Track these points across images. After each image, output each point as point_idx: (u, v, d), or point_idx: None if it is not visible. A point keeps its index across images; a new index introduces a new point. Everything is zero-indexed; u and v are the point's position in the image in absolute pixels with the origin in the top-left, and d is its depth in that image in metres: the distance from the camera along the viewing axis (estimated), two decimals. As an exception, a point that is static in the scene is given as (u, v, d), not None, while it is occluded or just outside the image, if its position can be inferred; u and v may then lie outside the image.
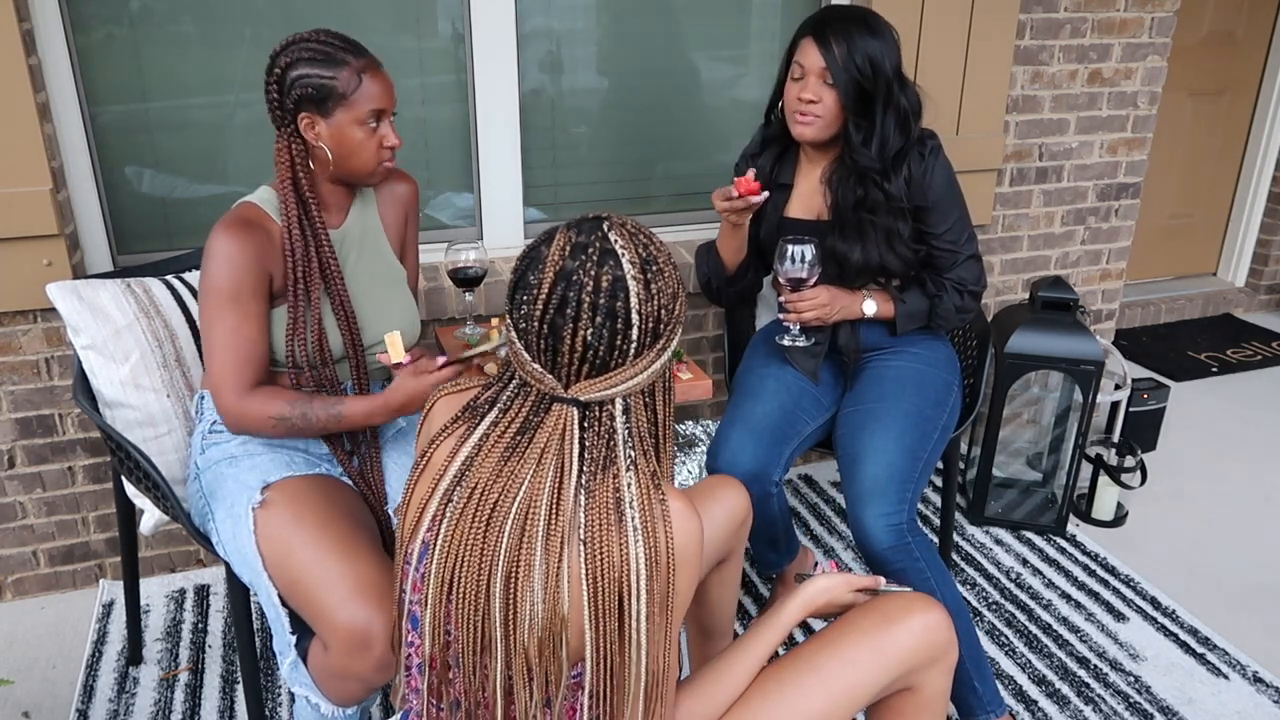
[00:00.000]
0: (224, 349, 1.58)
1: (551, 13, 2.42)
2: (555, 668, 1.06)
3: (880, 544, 1.78)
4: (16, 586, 2.34)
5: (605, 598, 1.03)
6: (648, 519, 1.04)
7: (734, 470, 1.88)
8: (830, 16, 1.86)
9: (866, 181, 1.89)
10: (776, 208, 2.04)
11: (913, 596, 1.32)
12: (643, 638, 1.04)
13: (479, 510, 1.06)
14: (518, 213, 2.51)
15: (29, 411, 2.19)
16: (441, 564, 1.09)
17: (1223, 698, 2.07)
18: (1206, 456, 3.04)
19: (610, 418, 1.06)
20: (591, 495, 1.04)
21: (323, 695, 1.55)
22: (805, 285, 1.87)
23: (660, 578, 1.04)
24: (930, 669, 1.30)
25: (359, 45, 1.62)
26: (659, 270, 1.05)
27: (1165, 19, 2.83)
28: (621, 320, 1.02)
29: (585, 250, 1.02)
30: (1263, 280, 4.13)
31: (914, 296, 2.00)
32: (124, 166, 2.20)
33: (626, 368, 1.05)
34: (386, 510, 1.75)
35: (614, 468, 1.06)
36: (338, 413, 1.61)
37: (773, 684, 1.22)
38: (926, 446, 1.89)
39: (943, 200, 1.93)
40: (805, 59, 1.86)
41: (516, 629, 1.05)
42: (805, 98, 1.86)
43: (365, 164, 1.64)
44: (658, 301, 1.05)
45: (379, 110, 1.61)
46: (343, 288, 1.68)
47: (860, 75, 1.82)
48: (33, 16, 1.99)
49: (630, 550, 1.02)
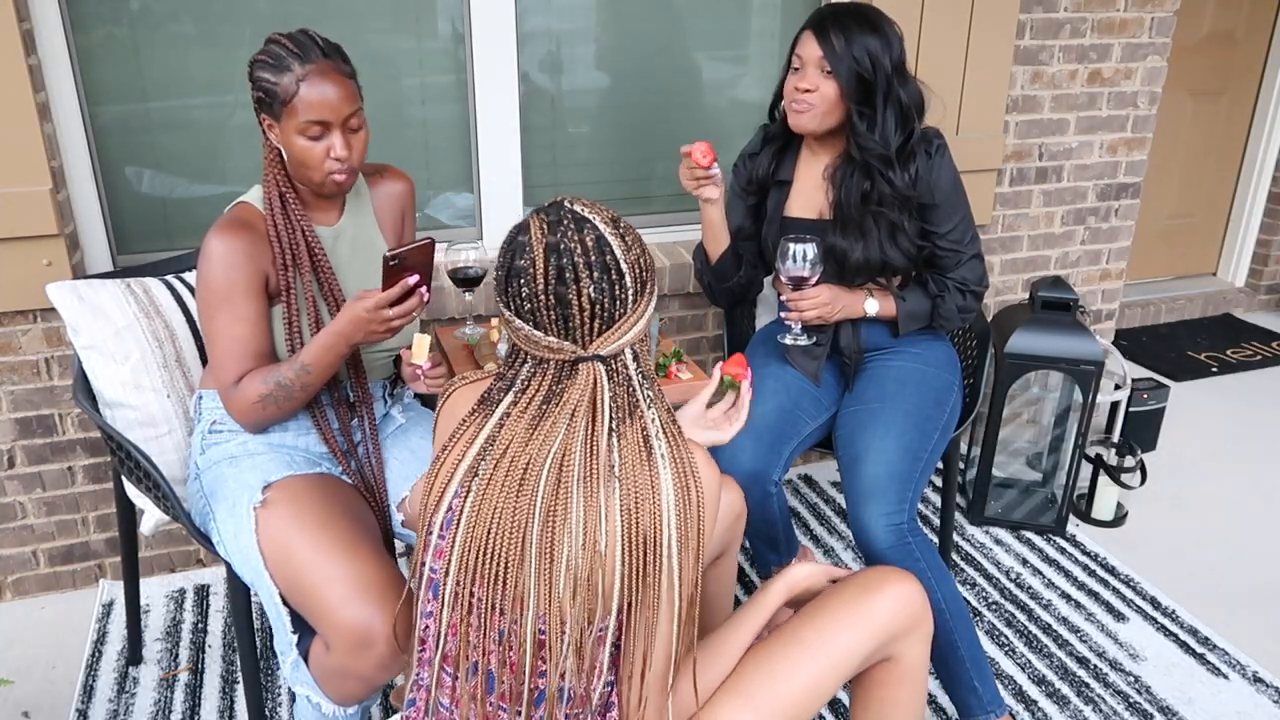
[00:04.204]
0: (216, 348, 1.60)
1: (551, 12, 2.42)
2: (589, 612, 1.11)
3: (880, 544, 1.78)
4: (16, 586, 2.34)
5: (639, 531, 1.10)
6: (675, 449, 1.14)
7: (734, 470, 1.88)
8: (831, 11, 1.88)
9: (873, 174, 1.89)
10: (778, 206, 2.04)
11: (888, 570, 1.39)
12: (674, 563, 1.12)
13: (510, 472, 1.11)
14: (518, 213, 2.51)
15: (29, 411, 2.19)
16: (471, 526, 1.12)
17: (1223, 698, 2.07)
18: (1206, 456, 3.04)
19: (625, 365, 1.14)
20: (623, 437, 1.12)
21: (324, 695, 1.55)
22: (807, 284, 1.88)
23: (691, 504, 1.13)
24: (907, 638, 1.36)
25: (316, 49, 1.55)
26: (626, 226, 1.14)
27: (1165, 19, 2.83)
28: (615, 271, 1.10)
29: (560, 224, 1.10)
30: (1263, 280, 4.13)
31: (915, 296, 2.00)
32: (124, 166, 2.20)
33: (630, 315, 1.12)
34: (387, 509, 1.75)
35: (638, 410, 1.14)
36: (303, 365, 1.58)
37: (763, 658, 1.29)
38: (927, 446, 1.89)
39: (948, 199, 1.94)
40: (804, 50, 1.87)
41: (553, 578, 1.10)
42: (802, 86, 1.87)
43: (312, 173, 1.59)
44: (636, 250, 1.13)
45: (320, 121, 1.54)
46: (334, 282, 1.68)
47: (859, 66, 1.83)
48: (32, 16, 1.99)
49: (661, 479, 1.11)
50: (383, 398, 1.86)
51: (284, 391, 1.60)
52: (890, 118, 1.87)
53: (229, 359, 1.59)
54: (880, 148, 1.87)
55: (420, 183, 2.39)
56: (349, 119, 1.58)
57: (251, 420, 1.63)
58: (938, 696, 2.05)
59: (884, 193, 1.90)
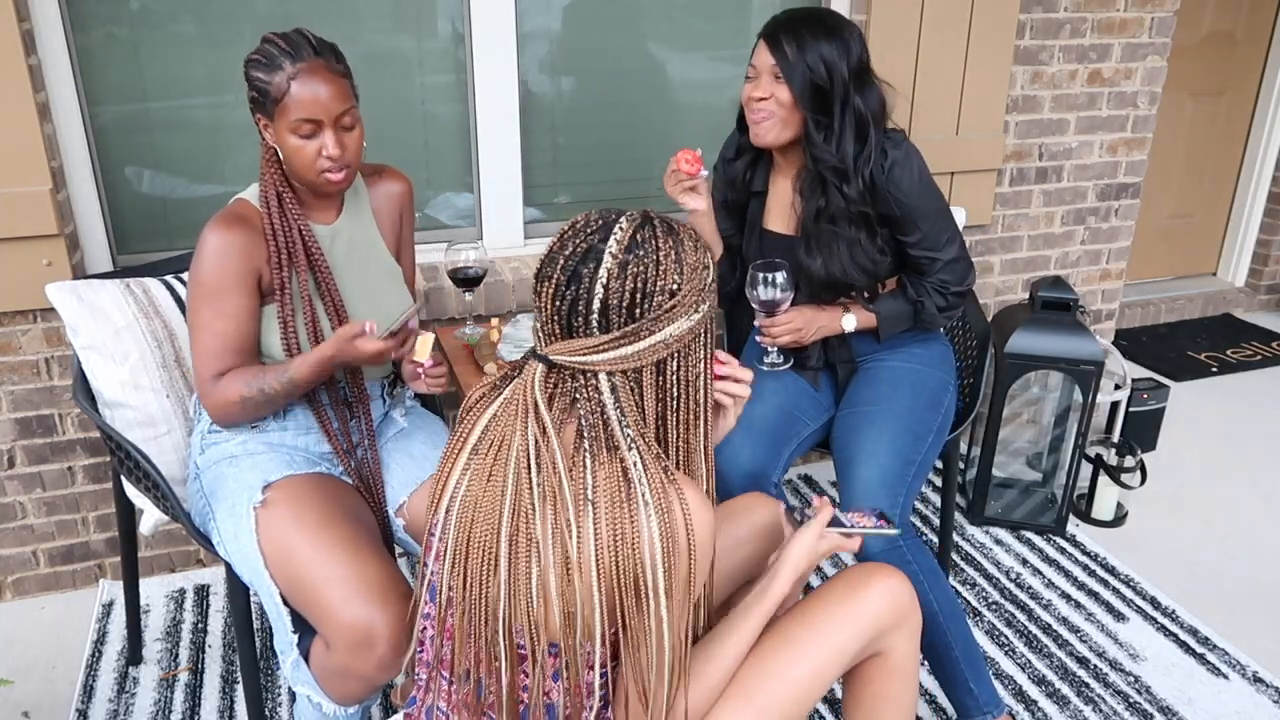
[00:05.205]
0: (198, 341, 1.60)
1: (551, 13, 2.42)
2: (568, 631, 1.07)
3: (872, 547, 1.78)
4: (16, 586, 2.34)
5: (620, 570, 1.05)
6: (659, 494, 1.06)
7: (733, 470, 1.88)
8: (784, 18, 1.82)
9: (828, 187, 1.84)
10: (757, 218, 2.02)
11: (874, 566, 1.39)
12: (663, 613, 1.06)
13: (495, 466, 1.10)
14: (518, 213, 2.51)
15: (29, 411, 2.19)
16: (460, 522, 1.11)
17: (1222, 698, 2.07)
18: (1206, 456, 3.04)
19: (597, 392, 1.09)
20: (599, 464, 1.07)
21: (325, 694, 1.55)
22: (779, 309, 1.84)
23: (679, 557, 1.07)
24: (895, 633, 1.36)
25: (308, 47, 1.55)
26: (647, 256, 1.08)
27: (1165, 19, 2.83)
28: (584, 286, 1.07)
29: (594, 222, 1.10)
30: (1263, 280, 4.13)
31: (893, 301, 1.97)
32: (124, 166, 2.20)
33: (591, 338, 1.08)
34: (386, 510, 1.75)
35: (616, 445, 1.09)
36: (290, 379, 1.60)
37: (759, 657, 1.27)
38: (920, 449, 1.89)
39: (912, 206, 1.85)
40: (757, 59, 1.83)
41: (524, 586, 1.07)
42: (756, 95, 1.82)
43: (304, 171, 1.60)
44: (633, 284, 1.07)
45: (311, 120, 1.55)
46: (331, 281, 1.68)
47: (812, 73, 1.77)
48: (32, 16, 1.99)
49: (642, 523, 1.05)
50: (381, 397, 1.86)
51: (265, 398, 1.61)
52: (849, 126, 1.80)
53: (210, 354, 1.60)
54: (835, 160, 1.81)
55: (420, 183, 2.39)
56: (341, 117, 1.57)
57: (224, 418, 1.64)
58: (937, 697, 2.05)
59: (839, 207, 1.84)
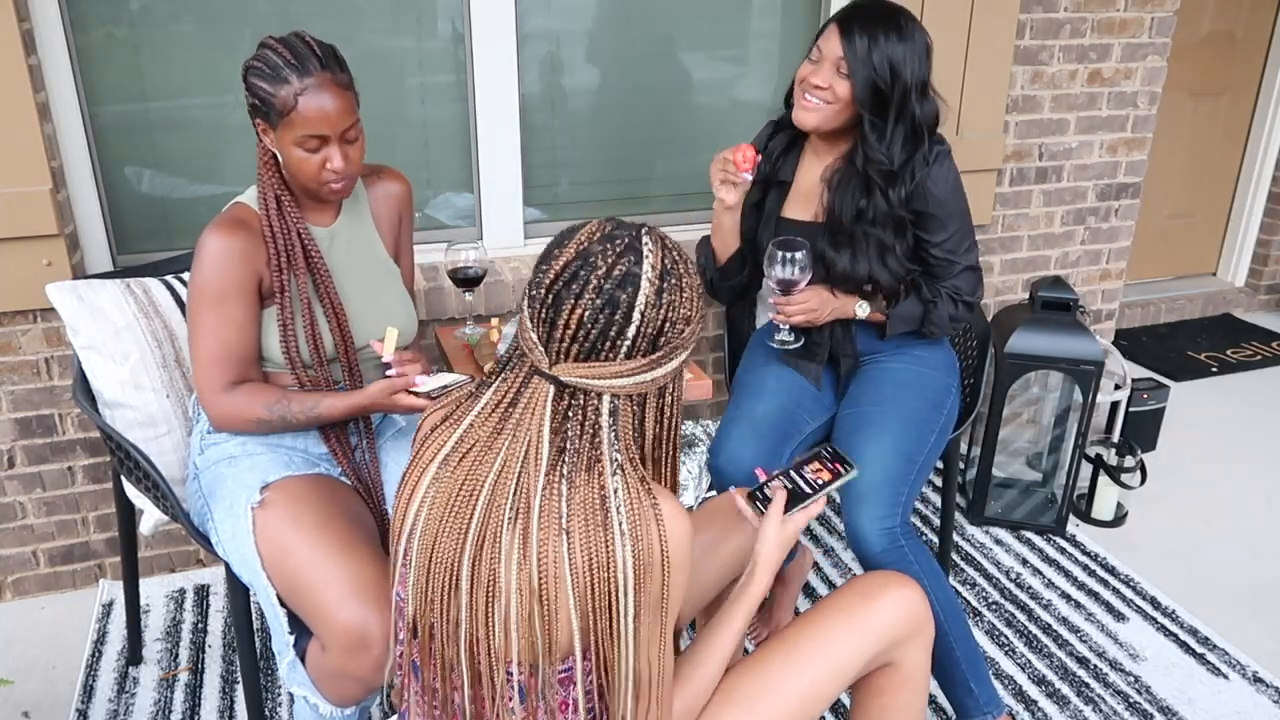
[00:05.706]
0: (201, 349, 1.60)
1: (551, 13, 2.41)
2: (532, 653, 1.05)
3: (873, 547, 1.78)
4: (16, 586, 2.34)
5: (595, 594, 1.03)
6: (636, 522, 1.03)
7: (736, 468, 1.88)
8: (862, 9, 1.81)
9: (872, 189, 1.85)
10: (775, 207, 2.03)
11: (888, 575, 1.36)
12: (630, 637, 1.04)
13: (466, 482, 1.07)
14: (518, 213, 2.51)
15: (29, 411, 2.19)
16: (423, 537, 1.09)
17: (1223, 698, 2.07)
18: (1206, 456, 3.04)
19: (595, 412, 1.06)
20: (575, 487, 1.04)
21: (321, 695, 1.55)
22: (795, 288, 1.86)
23: (653, 580, 1.04)
24: (908, 644, 1.34)
25: (314, 60, 1.53)
26: (676, 285, 1.06)
27: (1165, 19, 2.83)
28: (622, 313, 1.03)
29: (614, 240, 1.04)
30: (1263, 280, 4.13)
31: (906, 300, 1.98)
32: (124, 166, 2.20)
33: (614, 363, 1.05)
34: (384, 511, 1.75)
35: (599, 466, 1.05)
36: (316, 414, 1.62)
37: (762, 665, 1.26)
38: (922, 450, 1.89)
39: (943, 208, 1.89)
40: (825, 44, 1.81)
41: (487, 608, 1.05)
42: (815, 82, 1.82)
43: (308, 182, 1.59)
44: (665, 313, 1.05)
45: (317, 135, 1.54)
46: (330, 284, 1.68)
47: (876, 75, 1.76)
48: (32, 16, 1.99)
49: (617, 551, 1.02)
50: (381, 397, 1.86)
51: (284, 425, 1.63)
52: (899, 132, 1.81)
53: (215, 361, 1.59)
54: (886, 163, 1.82)
55: (420, 183, 2.39)
56: (346, 131, 1.57)
57: (230, 428, 1.64)
58: (937, 696, 2.05)
59: (879, 210, 1.86)
